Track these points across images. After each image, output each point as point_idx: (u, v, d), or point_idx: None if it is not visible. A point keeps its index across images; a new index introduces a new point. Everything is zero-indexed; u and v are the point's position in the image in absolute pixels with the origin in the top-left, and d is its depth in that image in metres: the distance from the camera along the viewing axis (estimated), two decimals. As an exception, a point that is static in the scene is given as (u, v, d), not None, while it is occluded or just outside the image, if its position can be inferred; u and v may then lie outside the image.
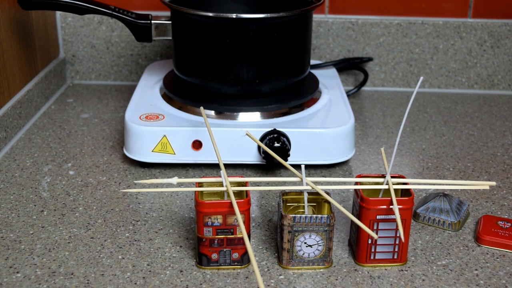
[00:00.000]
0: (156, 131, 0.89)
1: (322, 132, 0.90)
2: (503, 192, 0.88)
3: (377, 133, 1.06)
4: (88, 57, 1.26)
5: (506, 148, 1.01)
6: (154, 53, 1.25)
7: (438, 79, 1.25)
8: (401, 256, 0.71)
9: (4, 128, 0.97)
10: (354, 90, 1.21)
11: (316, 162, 0.91)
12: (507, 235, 0.75)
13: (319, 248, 0.69)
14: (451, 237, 0.77)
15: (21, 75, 1.06)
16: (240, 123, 0.91)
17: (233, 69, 0.92)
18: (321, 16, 1.22)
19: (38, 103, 1.11)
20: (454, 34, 1.22)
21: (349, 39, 1.23)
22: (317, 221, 0.68)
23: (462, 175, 0.92)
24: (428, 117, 1.13)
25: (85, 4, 0.94)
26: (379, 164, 0.95)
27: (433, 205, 0.80)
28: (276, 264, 0.71)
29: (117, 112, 1.13)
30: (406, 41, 1.23)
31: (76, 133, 1.04)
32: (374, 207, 0.68)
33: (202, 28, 0.91)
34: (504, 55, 1.23)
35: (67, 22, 1.23)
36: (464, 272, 0.71)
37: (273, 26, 0.90)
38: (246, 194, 0.70)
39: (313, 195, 0.72)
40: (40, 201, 0.83)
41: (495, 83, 1.25)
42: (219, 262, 0.70)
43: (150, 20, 0.96)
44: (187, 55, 0.95)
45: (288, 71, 0.96)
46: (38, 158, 0.95)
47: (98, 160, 0.95)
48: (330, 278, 0.69)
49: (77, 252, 0.73)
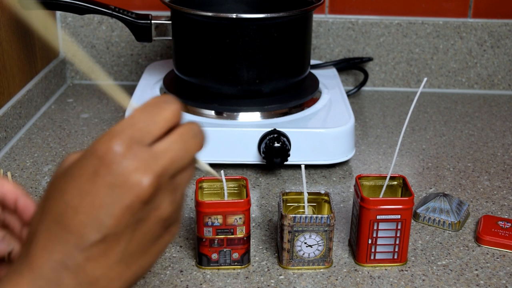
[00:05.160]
0: (156, 131, 0.89)
1: (322, 132, 0.90)
2: (503, 192, 0.88)
3: (377, 133, 1.06)
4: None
5: (506, 148, 1.01)
6: (154, 53, 1.25)
7: (438, 79, 1.25)
8: (401, 256, 0.71)
9: (4, 128, 0.97)
10: (354, 90, 1.21)
11: (316, 162, 0.91)
12: (507, 235, 0.75)
13: (319, 248, 0.69)
14: (451, 237, 0.77)
15: (21, 75, 1.06)
16: (240, 123, 0.91)
17: (233, 69, 0.92)
18: (321, 16, 1.22)
19: (38, 103, 1.11)
20: (454, 34, 1.22)
21: (349, 39, 1.23)
22: (317, 221, 0.68)
23: (462, 175, 0.92)
24: (428, 117, 1.13)
25: (85, 4, 0.94)
26: (379, 164, 0.95)
27: (433, 205, 0.80)
28: (276, 264, 0.71)
29: (117, 112, 1.13)
30: (406, 41, 1.23)
31: (76, 133, 1.04)
32: (374, 207, 0.68)
33: (202, 28, 0.91)
34: (504, 55, 1.23)
35: (67, 22, 1.23)
36: (464, 272, 0.71)
37: (273, 26, 0.90)
38: (246, 194, 0.70)
39: (313, 195, 0.72)
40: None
41: (495, 83, 1.25)
42: (219, 262, 0.70)
43: (150, 20, 0.96)
44: (187, 55, 0.95)
45: (288, 71, 0.96)
46: (38, 158, 0.95)
47: (98, 160, 0.94)
48: (330, 278, 0.69)
49: (77, 252, 0.73)
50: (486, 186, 0.89)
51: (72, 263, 0.39)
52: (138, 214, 0.39)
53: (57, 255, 0.39)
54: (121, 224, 0.39)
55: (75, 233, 0.39)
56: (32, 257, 0.39)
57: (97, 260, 0.39)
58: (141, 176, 0.39)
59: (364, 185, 0.73)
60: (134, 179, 0.38)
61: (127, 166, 0.38)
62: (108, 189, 0.38)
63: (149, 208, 0.40)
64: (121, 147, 0.39)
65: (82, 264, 0.39)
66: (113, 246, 0.39)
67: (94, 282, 0.39)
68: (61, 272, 0.39)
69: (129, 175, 0.38)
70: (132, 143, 0.39)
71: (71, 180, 0.40)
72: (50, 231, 0.39)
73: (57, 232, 0.39)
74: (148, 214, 0.40)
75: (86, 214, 0.39)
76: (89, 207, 0.38)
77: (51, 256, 0.39)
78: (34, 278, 0.38)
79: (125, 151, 0.39)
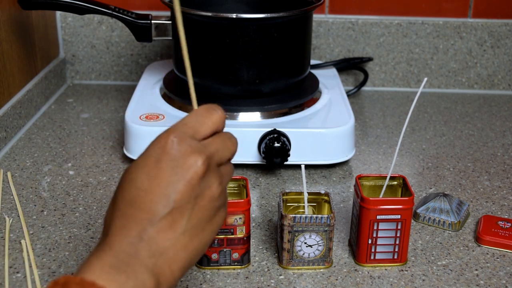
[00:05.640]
0: (156, 131, 0.88)
1: (322, 132, 0.90)
2: (503, 192, 0.88)
3: (377, 133, 1.06)
4: (88, 57, 1.26)
5: (506, 148, 1.01)
6: (154, 53, 1.25)
7: (438, 79, 1.25)
8: (401, 256, 0.71)
9: (4, 128, 0.97)
10: (354, 90, 1.21)
11: (316, 162, 0.91)
12: (507, 235, 0.75)
13: (319, 248, 0.69)
14: (451, 237, 0.77)
15: (21, 75, 1.06)
16: (240, 123, 0.91)
17: (233, 69, 0.92)
18: (321, 16, 1.22)
19: (38, 103, 1.11)
20: (454, 34, 1.22)
21: (349, 39, 1.23)
22: (317, 221, 0.68)
23: (462, 175, 0.92)
24: (428, 117, 1.13)
25: (85, 4, 0.94)
26: (379, 164, 0.95)
27: (433, 205, 0.80)
28: (276, 264, 0.71)
29: (117, 112, 1.13)
30: (406, 41, 1.23)
31: (76, 133, 1.04)
32: (374, 207, 0.68)
33: (202, 28, 0.91)
34: (504, 55, 1.23)
35: (67, 22, 1.23)
36: (464, 272, 0.71)
37: (273, 26, 0.90)
38: (246, 194, 0.70)
39: (313, 195, 0.72)
40: (40, 201, 0.83)
41: (495, 83, 1.25)
42: (219, 262, 0.70)
43: (150, 20, 0.96)
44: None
45: (288, 71, 0.96)
46: (38, 158, 0.95)
47: (98, 160, 0.95)
48: (330, 278, 0.69)
49: (77, 252, 0.73)
50: (486, 186, 0.89)
51: (146, 236, 0.47)
52: (196, 190, 0.48)
53: (133, 232, 0.47)
54: (184, 198, 0.47)
55: (147, 211, 0.47)
56: (111, 237, 0.47)
57: (165, 232, 0.47)
58: (196, 157, 0.48)
59: (364, 185, 0.73)
60: (191, 159, 0.48)
61: (184, 151, 0.48)
62: (171, 170, 0.48)
63: (203, 185, 0.49)
64: (177, 139, 0.48)
65: (154, 236, 0.47)
66: (178, 219, 0.48)
67: (163, 252, 0.47)
68: (137, 245, 0.46)
69: (187, 157, 0.48)
70: (185, 136, 0.49)
71: (139, 169, 0.49)
72: (126, 214, 0.47)
73: (132, 213, 0.47)
74: (203, 190, 0.49)
75: (155, 193, 0.47)
76: (157, 187, 0.47)
77: (128, 233, 0.47)
78: (115, 252, 0.46)
79: (180, 141, 0.48)
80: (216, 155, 0.50)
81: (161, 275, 0.47)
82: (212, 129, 0.51)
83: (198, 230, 0.49)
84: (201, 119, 0.51)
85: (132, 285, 0.45)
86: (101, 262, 0.45)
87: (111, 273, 0.45)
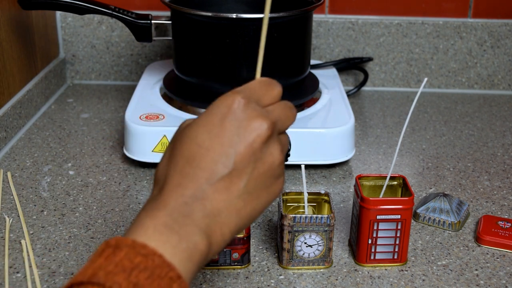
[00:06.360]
0: (156, 131, 0.89)
1: (322, 132, 0.90)
2: (503, 192, 0.88)
3: (377, 133, 1.06)
4: (88, 57, 1.26)
5: (506, 148, 1.01)
6: (154, 53, 1.25)
7: (438, 79, 1.25)
8: (401, 256, 0.71)
9: (4, 128, 0.97)
10: (354, 90, 1.21)
11: (316, 162, 0.91)
12: (507, 235, 0.75)
13: (319, 248, 0.69)
14: (451, 237, 0.77)
15: (21, 75, 1.06)
16: (240, 123, 0.91)
17: (233, 69, 0.92)
18: (321, 16, 1.22)
19: (38, 103, 1.11)
20: (454, 34, 1.22)
21: (349, 39, 1.23)
22: (317, 221, 0.68)
23: (462, 175, 0.92)
24: (428, 117, 1.13)
25: (85, 4, 0.94)
26: (379, 164, 0.95)
27: (433, 205, 0.80)
28: (276, 264, 0.71)
29: (117, 112, 1.13)
30: (406, 41, 1.23)
31: (76, 133, 1.04)
32: (374, 207, 0.68)
33: (202, 28, 0.91)
34: (504, 55, 1.23)
35: (67, 22, 1.23)
36: (464, 272, 0.71)
37: (273, 26, 0.90)
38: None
39: (313, 195, 0.72)
40: (40, 201, 0.83)
41: (495, 83, 1.25)
42: (219, 262, 0.70)
43: (150, 20, 0.96)
44: (187, 55, 0.95)
45: (288, 71, 0.96)
46: (38, 158, 0.95)
47: (98, 160, 0.95)
48: (330, 278, 0.69)
49: (77, 252, 0.73)
50: (486, 186, 0.89)
51: (202, 195, 0.46)
52: (257, 154, 0.47)
53: (189, 190, 0.46)
54: (244, 160, 0.47)
55: (207, 169, 0.46)
56: (165, 195, 0.46)
57: (221, 193, 0.46)
58: (261, 121, 0.48)
59: (364, 185, 0.73)
60: (256, 122, 0.47)
61: (250, 113, 0.48)
62: (235, 130, 0.47)
63: (265, 150, 0.48)
64: (244, 100, 0.48)
65: (210, 196, 0.46)
66: (236, 182, 0.47)
67: (217, 214, 0.46)
68: (191, 204, 0.45)
69: (252, 119, 0.47)
70: (251, 101, 0.49)
71: (201, 127, 0.48)
72: (183, 172, 0.47)
73: (189, 171, 0.46)
74: (264, 156, 0.48)
75: (216, 152, 0.47)
76: (219, 146, 0.47)
77: (184, 192, 0.46)
78: (169, 211, 0.45)
79: (247, 103, 0.48)
80: (279, 123, 0.50)
81: (213, 237, 0.46)
82: (273, 100, 0.51)
83: (253, 196, 0.48)
84: (265, 88, 0.51)
85: (184, 247, 0.44)
86: (154, 221, 0.44)
87: (165, 233, 0.44)
